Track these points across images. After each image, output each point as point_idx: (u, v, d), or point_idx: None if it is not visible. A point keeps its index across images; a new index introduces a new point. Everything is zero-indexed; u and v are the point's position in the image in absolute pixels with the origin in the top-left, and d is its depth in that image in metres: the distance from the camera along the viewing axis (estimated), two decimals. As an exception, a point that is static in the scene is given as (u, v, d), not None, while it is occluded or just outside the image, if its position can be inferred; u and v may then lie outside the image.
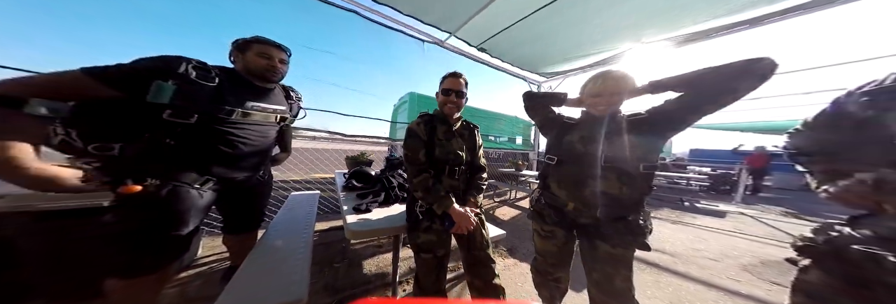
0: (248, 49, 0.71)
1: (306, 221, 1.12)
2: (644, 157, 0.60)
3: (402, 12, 1.78)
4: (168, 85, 0.55)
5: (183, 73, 0.57)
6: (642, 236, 0.62)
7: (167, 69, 0.56)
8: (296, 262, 0.76)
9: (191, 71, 0.59)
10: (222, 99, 0.64)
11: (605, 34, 1.89)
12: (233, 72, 0.71)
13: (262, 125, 0.75)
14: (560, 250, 0.73)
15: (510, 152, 3.95)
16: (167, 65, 0.57)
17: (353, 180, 1.28)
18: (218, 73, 0.64)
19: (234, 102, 0.67)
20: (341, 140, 2.03)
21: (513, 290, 1.15)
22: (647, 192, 0.63)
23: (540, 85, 3.46)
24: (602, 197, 0.63)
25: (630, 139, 0.61)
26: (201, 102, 0.61)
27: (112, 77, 0.52)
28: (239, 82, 0.71)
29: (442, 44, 2.33)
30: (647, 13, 1.57)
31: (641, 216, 0.63)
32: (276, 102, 0.79)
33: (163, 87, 0.54)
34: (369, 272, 1.24)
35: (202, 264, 1.21)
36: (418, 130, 0.80)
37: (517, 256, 1.51)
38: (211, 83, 0.62)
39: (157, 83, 0.54)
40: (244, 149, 0.71)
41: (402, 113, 3.59)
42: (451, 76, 0.80)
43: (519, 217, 2.39)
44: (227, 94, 0.65)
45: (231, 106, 0.66)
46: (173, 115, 0.58)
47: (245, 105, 0.69)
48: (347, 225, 0.82)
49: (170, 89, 0.55)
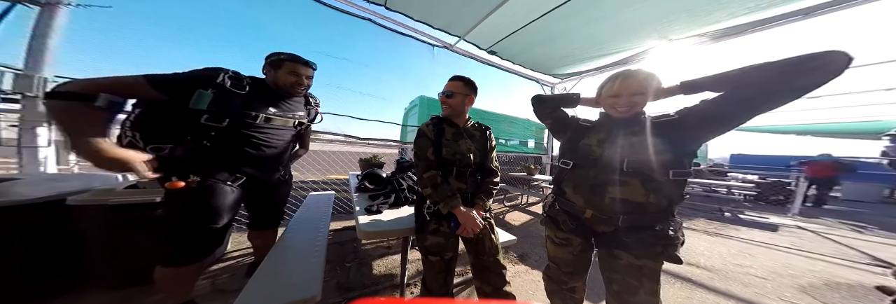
0: (280, 66, 0.80)
1: (322, 220, 1.18)
2: (674, 162, 0.55)
3: (413, 18, 1.84)
4: (207, 93, 0.64)
5: (220, 82, 0.67)
6: (672, 247, 0.57)
7: (208, 79, 0.66)
8: (311, 260, 0.80)
9: (227, 81, 0.68)
10: (250, 105, 0.73)
11: (626, 32, 1.80)
12: (262, 82, 0.81)
13: (281, 129, 0.83)
14: (576, 259, 0.69)
15: (522, 156, 3.86)
16: (208, 75, 0.67)
17: (366, 181, 1.32)
18: (249, 82, 0.74)
19: (260, 108, 0.76)
20: (355, 143, 2.12)
21: (523, 298, 1.11)
22: (677, 200, 0.58)
23: (553, 87, 3.37)
24: (623, 204, 0.59)
25: (656, 143, 0.57)
26: (232, 107, 0.69)
27: (164, 84, 0.62)
28: (265, 91, 0.80)
29: (451, 48, 2.36)
30: (673, 9, 1.47)
31: (672, 226, 0.58)
32: (295, 109, 0.88)
33: (203, 94, 0.64)
34: (379, 272, 1.26)
35: (230, 258, 1.31)
36: (427, 130, 0.83)
37: (528, 262, 1.46)
38: (241, 91, 0.71)
39: (198, 92, 0.64)
40: (266, 150, 0.79)
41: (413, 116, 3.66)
42: (448, 80, 0.84)
43: (530, 223, 2.31)
44: (254, 101, 0.74)
45: (256, 111, 0.74)
46: (209, 119, 0.67)
47: (268, 111, 0.77)
48: (359, 226, 0.85)
49: (208, 97, 0.64)
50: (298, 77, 0.81)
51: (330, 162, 2.25)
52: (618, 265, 0.61)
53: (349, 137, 2.03)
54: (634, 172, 0.58)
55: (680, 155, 0.56)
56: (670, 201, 0.58)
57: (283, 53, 0.81)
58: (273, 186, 0.92)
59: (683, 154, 0.56)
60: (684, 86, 0.57)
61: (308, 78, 0.85)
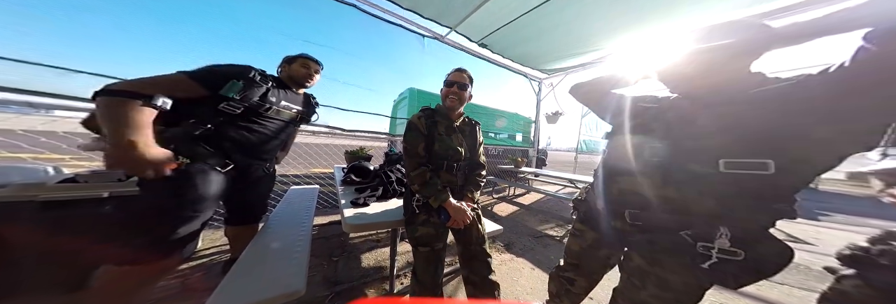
0: (294, 61, 0.92)
1: (305, 214, 1.13)
2: (730, 149, 0.39)
3: (402, 6, 1.75)
4: (239, 83, 0.72)
5: (251, 77, 0.76)
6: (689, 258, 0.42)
7: (242, 73, 0.74)
8: (294, 254, 0.77)
9: (256, 76, 0.77)
10: (265, 97, 0.80)
11: (609, 29, 1.85)
12: (278, 79, 0.91)
13: (284, 121, 0.90)
14: (582, 252, 0.64)
15: (510, 149, 3.96)
16: (243, 70, 0.75)
17: (352, 174, 1.28)
18: (271, 79, 0.84)
19: (274, 101, 0.83)
20: (340, 135, 2.03)
21: (508, 284, 1.17)
22: (739, 202, 0.39)
23: (541, 81, 3.43)
24: (628, 196, 0.51)
25: (716, 123, 0.41)
26: (253, 98, 0.76)
27: (205, 77, 0.68)
28: (281, 87, 0.89)
29: (442, 39, 2.30)
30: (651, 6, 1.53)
31: (720, 234, 0.40)
32: (300, 105, 0.97)
33: (235, 84, 0.71)
34: (367, 265, 1.26)
35: (203, 256, 1.22)
36: (419, 123, 0.80)
37: (514, 251, 1.52)
38: (265, 85, 0.79)
39: (232, 81, 0.71)
40: (264, 138, 0.83)
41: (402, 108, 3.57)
42: (455, 70, 0.82)
43: (516, 214, 2.40)
44: (270, 94, 0.82)
45: (271, 104, 0.82)
46: (228, 106, 0.72)
47: (280, 104, 0.85)
48: (345, 219, 0.83)
49: (239, 86, 0.72)
50: (308, 69, 0.93)
51: (314, 155, 2.15)
52: (628, 266, 0.53)
53: (333, 128, 1.93)
54: (657, 160, 0.46)
55: (759, 139, 0.37)
56: (725, 203, 0.40)
57: (299, 53, 0.94)
58: (257, 178, 0.91)
59: (769, 138, 0.37)
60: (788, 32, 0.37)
61: (316, 72, 0.95)
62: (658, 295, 0.47)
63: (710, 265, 0.41)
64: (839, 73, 0.33)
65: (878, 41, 0.30)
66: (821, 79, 0.35)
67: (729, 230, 0.40)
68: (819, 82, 0.35)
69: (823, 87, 0.34)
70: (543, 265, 1.36)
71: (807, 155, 0.36)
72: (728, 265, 0.40)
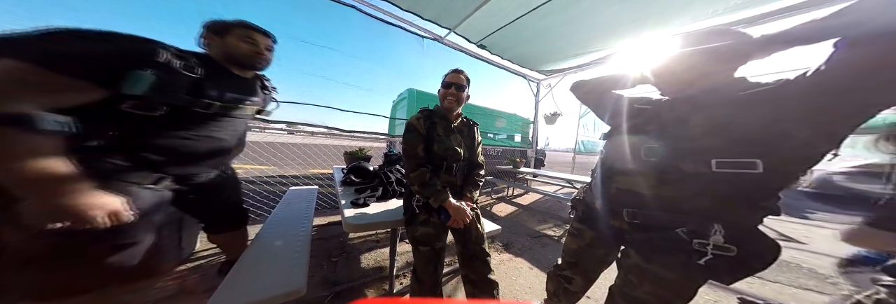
0: (227, 33, 0.63)
1: (305, 215, 1.13)
2: (721, 149, 0.40)
3: (401, 8, 1.76)
4: (147, 75, 0.46)
5: (164, 62, 0.48)
6: (685, 255, 0.43)
7: (147, 57, 0.47)
8: (294, 254, 0.77)
9: (171, 59, 0.50)
10: (202, 91, 0.56)
11: (605, 32, 1.88)
12: (209, 59, 0.62)
13: (237, 119, 0.68)
14: (580, 251, 0.65)
15: (509, 150, 3.98)
16: (144, 52, 0.47)
17: (352, 175, 1.28)
18: (196, 61, 0.55)
19: (215, 94, 0.59)
20: (339, 136, 2.03)
21: (507, 284, 1.18)
22: (730, 200, 0.41)
23: (539, 82, 3.46)
24: (626, 196, 0.51)
25: (708, 124, 0.42)
26: (178, 93, 0.52)
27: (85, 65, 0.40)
28: (218, 72, 0.62)
29: (441, 40, 2.31)
30: (646, 12, 1.57)
31: (715, 231, 0.41)
32: (253, 94, 0.72)
33: (143, 77, 0.45)
34: (367, 265, 1.26)
35: (200, 257, 1.22)
36: (418, 125, 0.80)
37: (512, 251, 1.53)
38: (193, 74, 0.53)
39: (135, 73, 0.44)
40: (213, 144, 0.64)
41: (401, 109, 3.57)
42: (453, 72, 0.82)
43: (515, 214, 2.42)
44: (207, 85, 0.57)
45: (211, 99, 0.58)
46: (136, 106, 0.48)
47: (225, 98, 0.61)
48: (345, 219, 0.83)
49: (149, 79, 0.46)
50: (255, 45, 0.66)
51: (312, 155, 2.15)
52: (625, 263, 0.54)
53: (332, 129, 1.93)
54: (654, 160, 0.48)
55: (746, 140, 0.39)
56: (716, 201, 0.42)
57: (221, 21, 0.64)
58: (213, 186, 0.73)
59: (756, 139, 0.38)
60: (766, 39, 0.40)
61: (268, 49, 0.70)
62: (654, 292, 0.48)
63: (705, 262, 0.42)
64: (814, 77, 0.36)
65: (848, 48, 0.33)
66: (798, 82, 0.37)
67: (722, 227, 0.41)
68: (797, 86, 0.37)
69: (800, 90, 0.37)
70: (542, 264, 1.37)
71: (789, 155, 0.38)
72: (722, 261, 0.41)
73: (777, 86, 0.39)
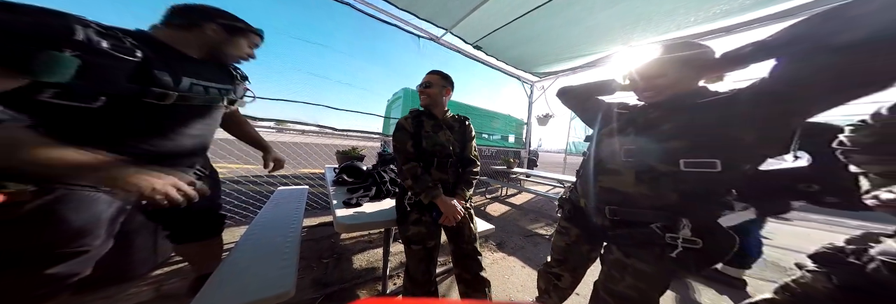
0: (243, 36, 0.60)
1: (294, 216, 1.10)
2: (687, 150, 0.45)
3: (398, 6, 1.75)
4: (69, 58, 0.36)
5: (83, 40, 0.38)
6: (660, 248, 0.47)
7: (59, 34, 0.36)
8: (282, 256, 0.74)
9: (95, 38, 0.39)
10: (151, 77, 0.46)
11: (596, 36, 1.94)
12: (152, 39, 0.51)
13: (206, 109, 0.59)
14: (568, 248, 0.67)
15: (503, 150, 4.02)
16: (57, 28, 0.36)
17: (344, 174, 1.26)
18: (132, 41, 0.44)
19: (169, 81, 0.49)
20: (332, 135, 1.99)
21: (500, 282, 1.19)
22: (695, 196, 0.45)
23: (533, 84, 3.52)
24: (609, 194, 0.55)
25: (673, 128, 0.48)
26: (117, 80, 0.43)
27: None
28: (167, 54, 0.51)
29: (438, 40, 2.31)
30: (634, 17, 1.63)
31: (683, 225, 0.45)
32: (220, 81, 0.61)
33: (63, 60, 0.35)
34: (359, 266, 1.24)
35: (178, 261, 1.16)
36: (406, 123, 0.83)
37: (505, 250, 1.55)
38: (130, 56, 0.43)
39: (50, 54, 0.34)
40: (179, 141, 0.55)
41: (396, 108, 3.55)
42: (427, 73, 0.86)
43: (509, 213, 2.44)
44: (155, 69, 0.47)
45: (164, 87, 0.48)
46: (61, 96, 0.39)
47: (182, 85, 0.51)
48: (337, 219, 0.81)
49: (71, 64, 0.36)
50: (255, 48, 0.64)
51: (303, 155, 2.09)
52: (608, 259, 0.57)
53: (324, 128, 1.89)
54: (632, 160, 0.52)
55: (707, 142, 0.44)
56: (684, 197, 0.46)
57: (240, 20, 0.60)
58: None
59: (715, 142, 0.43)
60: (726, 58, 0.45)
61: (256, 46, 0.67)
62: (634, 285, 0.52)
63: (676, 254, 0.46)
64: (756, 87, 0.41)
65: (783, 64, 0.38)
66: (744, 92, 0.43)
67: (689, 222, 0.46)
68: (743, 95, 0.43)
69: (746, 99, 0.42)
70: (534, 262, 1.39)
71: (739, 156, 0.43)
72: (690, 254, 0.46)
73: (729, 95, 0.45)
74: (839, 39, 0.32)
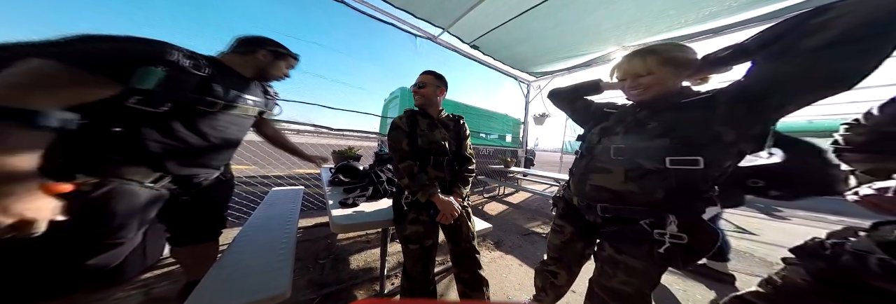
0: (283, 59, 0.76)
1: (289, 216, 1.08)
2: (673, 149, 0.46)
3: (394, 5, 1.74)
4: (157, 70, 0.49)
5: (173, 60, 0.52)
6: (649, 244, 0.48)
7: (158, 56, 0.50)
8: (277, 257, 0.73)
9: (181, 59, 0.53)
10: (209, 90, 0.60)
11: (591, 36, 1.97)
12: (217, 61, 0.66)
13: (241, 118, 0.72)
14: (563, 246, 0.68)
15: (500, 149, 4.04)
16: (158, 51, 0.51)
17: (340, 174, 1.25)
18: (205, 61, 0.60)
19: (221, 93, 0.63)
20: (328, 135, 1.97)
21: (498, 281, 1.19)
22: (681, 193, 0.46)
23: (529, 84, 3.54)
24: (599, 192, 0.56)
25: (660, 126, 0.49)
26: (184, 91, 0.56)
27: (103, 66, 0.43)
28: (225, 73, 0.67)
29: (435, 39, 2.30)
30: (626, 19, 1.66)
31: (670, 221, 0.47)
32: (257, 95, 0.77)
33: (153, 72, 0.48)
34: (357, 267, 1.23)
35: (169, 263, 1.13)
36: (401, 123, 0.84)
37: (503, 249, 1.56)
38: (201, 73, 0.57)
39: (147, 69, 0.48)
40: (216, 143, 0.66)
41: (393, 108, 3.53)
42: (420, 74, 0.87)
43: (506, 212, 2.46)
44: (214, 85, 0.61)
45: (216, 98, 0.62)
46: (141, 102, 0.50)
47: (229, 97, 0.65)
48: (333, 219, 0.80)
49: (158, 76, 0.49)
50: (290, 69, 0.80)
51: (298, 155, 2.06)
52: (601, 256, 0.59)
53: (320, 127, 1.87)
54: (622, 159, 0.53)
55: (690, 141, 0.45)
56: (670, 194, 0.47)
57: (283, 47, 0.77)
58: (208, 187, 0.72)
59: (698, 140, 0.44)
60: (707, 60, 0.47)
61: (291, 68, 0.82)
62: (626, 281, 0.53)
63: (664, 250, 0.47)
64: (734, 87, 0.44)
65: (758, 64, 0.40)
66: (724, 92, 0.45)
67: (675, 218, 0.47)
68: (723, 95, 0.45)
69: (725, 98, 0.44)
70: (531, 261, 1.40)
71: (721, 153, 0.45)
72: (676, 249, 0.47)
73: (710, 95, 0.47)
74: (809, 42, 0.35)
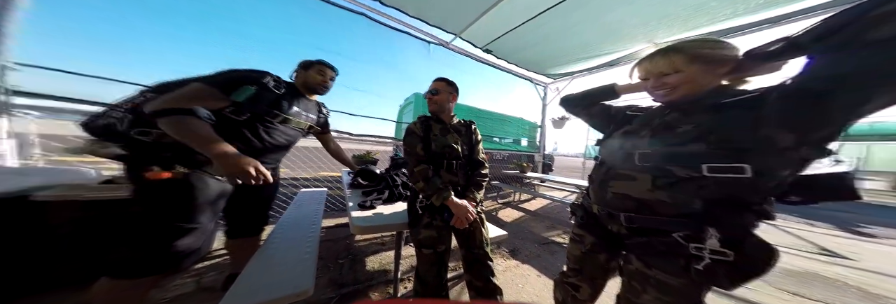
0: (311, 67, 0.90)
1: (314, 217, 1.16)
2: (712, 155, 0.41)
3: (408, 14, 1.82)
4: (251, 89, 0.70)
5: (264, 82, 0.73)
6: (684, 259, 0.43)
7: (257, 79, 0.73)
8: (303, 256, 0.79)
9: (270, 81, 0.75)
10: (278, 105, 0.78)
11: (613, 34, 1.86)
12: (292, 85, 0.89)
13: (293, 130, 0.87)
14: (583, 257, 0.64)
15: (515, 154, 3.93)
16: (258, 76, 0.74)
17: (359, 178, 1.31)
18: (284, 85, 0.82)
19: (285, 108, 0.80)
20: (348, 139, 2.09)
21: (513, 292, 1.15)
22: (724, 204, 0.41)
23: (546, 86, 3.43)
24: (622, 200, 0.51)
25: (696, 131, 0.44)
26: (263, 104, 0.74)
27: (224, 86, 0.66)
28: (293, 93, 0.86)
29: (447, 45, 2.36)
30: (659, 13, 1.54)
31: (710, 235, 0.41)
32: (311, 113, 0.95)
33: (247, 89, 0.69)
34: (372, 268, 1.27)
35: (217, 256, 1.27)
36: (415, 128, 0.88)
37: (519, 257, 1.50)
38: (278, 91, 0.77)
39: (245, 87, 0.69)
40: (272, 147, 0.80)
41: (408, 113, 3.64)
42: (433, 81, 0.90)
43: (522, 219, 2.36)
44: (282, 101, 0.79)
45: (279, 111, 0.79)
46: (232, 111, 0.69)
47: (290, 111, 0.82)
48: (353, 221, 0.85)
49: (250, 92, 0.70)
50: (324, 76, 0.91)
51: (322, 159, 2.21)
52: (628, 269, 0.53)
53: (341, 133, 1.99)
54: (648, 165, 0.48)
55: (732, 146, 0.40)
56: (710, 205, 0.42)
57: (327, 63, 0.93)
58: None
59: (742, 145, 0.39)
60: (750, 55, 0.41)
61: (331, 79, 0.94)
62: (660, 298, 0.47)
63: (704, 266, 0.42)
64: (791, 85, 0.37)
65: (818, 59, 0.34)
66: (777, 90, 0.38)
67: (717, 231, 0.41)
68: (776, 94, 0.38)
69: (779, 97, 0.38)
70: (550, 271, 1.33)
71: (774, 159, 0.38)
72: (720, 266, 0.41)
73: (758, 94, 0.41)
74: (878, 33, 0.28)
